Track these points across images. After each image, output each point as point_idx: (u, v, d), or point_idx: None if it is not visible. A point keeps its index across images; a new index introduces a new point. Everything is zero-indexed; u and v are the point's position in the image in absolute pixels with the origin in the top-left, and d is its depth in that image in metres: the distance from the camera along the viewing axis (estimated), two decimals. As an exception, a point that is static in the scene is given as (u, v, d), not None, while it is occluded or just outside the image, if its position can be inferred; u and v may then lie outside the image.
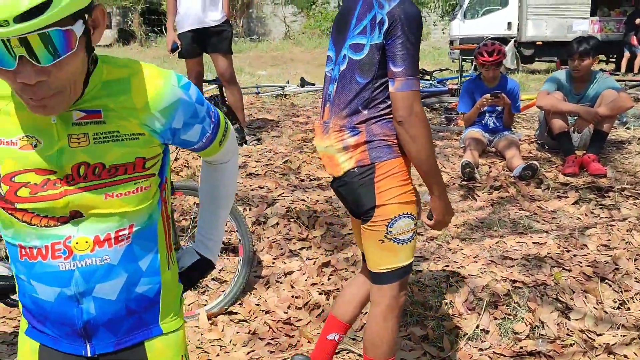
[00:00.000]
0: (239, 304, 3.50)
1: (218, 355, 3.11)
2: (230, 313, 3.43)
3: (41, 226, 1.29)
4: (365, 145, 2.09)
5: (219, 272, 3.73)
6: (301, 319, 3.35)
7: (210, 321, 3.36)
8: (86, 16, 1.18)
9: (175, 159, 4.88)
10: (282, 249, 3.89)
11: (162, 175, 1.42)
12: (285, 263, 3.78)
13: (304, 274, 3.66)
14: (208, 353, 3.13)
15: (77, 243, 1.30)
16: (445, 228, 2.31)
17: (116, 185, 1.31)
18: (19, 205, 1.28)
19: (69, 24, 1.13)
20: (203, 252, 1.66)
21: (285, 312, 3.40)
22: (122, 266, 1.35)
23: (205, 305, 3.50)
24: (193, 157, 5.06)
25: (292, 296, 3.51)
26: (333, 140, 2.15)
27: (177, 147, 3.81)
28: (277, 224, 4.08)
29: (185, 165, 4.85)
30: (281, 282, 3.63)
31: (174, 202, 3.94)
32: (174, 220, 3.48)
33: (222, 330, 3.31)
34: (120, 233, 1.33)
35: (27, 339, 1.43)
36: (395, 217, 2.11)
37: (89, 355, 1.40)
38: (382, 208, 2.10)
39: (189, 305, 3.54)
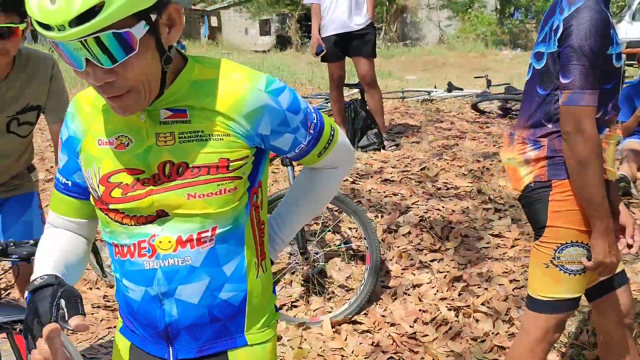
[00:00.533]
0: (364, 313, 3.41)
1: (337, 365, 3.04)
2: (355, 322, 3.35)
3: (131, 225, 1.29)
4: (545, 161, 1.98)
5: (346, 280, 3.67)
6: (427, 335, 3.19)
7: (333, 329, 3.30)
8: (153, 17, 1.14)
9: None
10: (412, 259, 3.74)
11: (253, 180, 1.36)
12: (414, 274, 3.63)
13: (433, 287, 3.50)
14: (328, 362, 3.08)
15: (160, 242, 1.29)
16: (609, 275, 2.00)
17: (199, 185, 1.27)
18: (112, 206, 1.29)
19: (126, 26, 1.10)
20: (269, 253, 1.54)
21: (411, 326, 3.26)
22: (204, 269, 1.31)
23: (330, 312, 3.44)
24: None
25: (420, 310, 3.36)
26: (516, 153, 2.07)
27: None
28: (409, 233, 3.94)
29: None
30: (409, 294, 3.49)
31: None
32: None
33: (345, 340, 3.23)
34: (203, 235, 1.29)
35: (121, 337, 1.45)
36: (567, 243, 1.95)
37: (171, 359, 1.37)
38: (554, 230, 1.96)
39: (314, 311, 3.51)
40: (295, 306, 3.59)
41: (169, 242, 1.29)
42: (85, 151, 1.32)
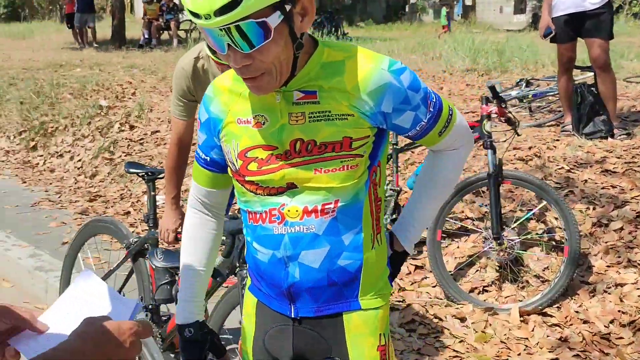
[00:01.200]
0: (557, 307, 3.29)
1: (519, 354, 3.00)
2: (545, 314, 3.26)
3: (264, 195, 1.48)
4: None
5: (543, 270, 3.55)
6: (622, 338, 3.00)
7: (521, 318, 3.24)
8: (287, 7, 1.29)
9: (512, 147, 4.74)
10: (619, 256, 3.49)
11: (373, 158, 1.48)
12: (619, 273, 3.39)
13: (638, 288, 3.24)
14: (510, 350, 3.05)
15: (289, 210, 1.46)
16: None
17: (324, 161, 1.42)
18: (247, 178, 1.48)
19: (263, 15, 1.26)
20: (400, 239, 1.64)
21: (605, 327, 3.08)
22: (325, 237, 1.46)
23: (521, 301, 3.38)
24: (548, 147, 4.84)
25: (619, 311, 3.15)
26: None
27: (512, 133, 3.71)
28: (622, 228, 3.66)
29: (536, 155, 4.67)
30: (609, 293, 3.28)
31: (502, 191, 3.86)
32: (500, 208, 3.43)
33: (532, 331, 3.17)
34: (326, 206, 1.44)
35: (250, 294, 1.66)
36: None
37: (292, 316, 1.55)
38: None
39: (505, 298, 3.48)
40: (487, 291, 3.58)
41: (297, 211, 1.45)
42: (227, 129, 1.51)
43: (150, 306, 2.94)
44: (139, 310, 1.09)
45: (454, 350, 3.07)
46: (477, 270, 3.72)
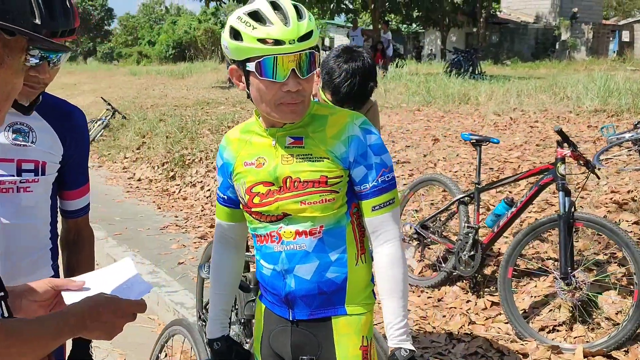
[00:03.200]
0: (624, 350, 3.27)
1: (576, 393, 3.04)
2: (610, 357, 3.26)
3: (266, 222, 1.82)
4: None
5: (616, 314, 3.53)
6: (685, 386, 2.94)
7: (585, 359, 3.27)
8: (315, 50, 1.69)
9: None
10: (698, 305, 3.39)
11: (351, 197, 1.80)
12: (694, 321, 3.30)
13: None
14: (567, 389, 3.09)
15: (284, 232, 1.79)
16: None
17: (308, 195, 1.74)
18: (253, 209, 1.84)
19: (316, 48, 1.68)
20: (392, 344, 1.77)
21: (671, 374, 3.04)
22: (315, 254, 1.78)
23: (588, 342, 3.39)
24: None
25: (688, 359, 3.08)
26: None
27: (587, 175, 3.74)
28: None
29: (633, 199, 4.58)
30: (680, 341, 3.21)
31: (576, 233, 3.86)
32: (569, 249, 3.48)
33: (594, 372, 3.18)
34: (313, 230, 1.77)
35: (259, 303, 1.99)
36: None
37: (290, 319, 1.86)
38: None
39: (574, 338, 3.50)
40: (557, 330, 3.61)
41: (291, 232, 1.79)
42: (236, 171, 1.86)
43: (242, 320, 3.35)
44: (146, 293, 1.42)
45: (510, 384, 3.16)
46: (550, 310, 3.76)
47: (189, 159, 8.40)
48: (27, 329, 1.16)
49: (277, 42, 1.62)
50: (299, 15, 1.65)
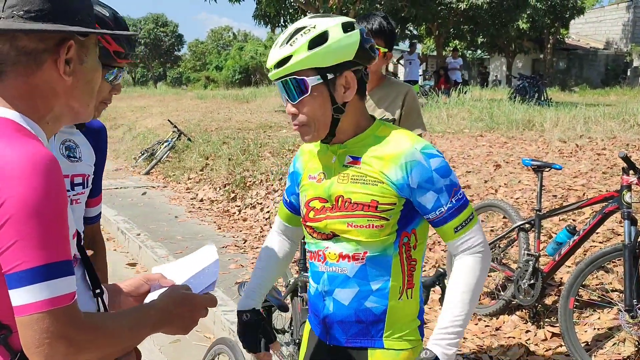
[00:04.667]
0: (694, 389, 3.10)
1: None
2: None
3: (317, 238, 1.82)
4: None
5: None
6: None
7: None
8: (330, 75, 1.67)
9: None
10: None
11: (403, 225, 1.73)
12: None
13: None
14: None
15: (329, 253, 1.78)
16: None
17: (355, 217, 1.72)
18: (307, 223, 1.84)
19: (304, 75, 1.66)
20: (433, 348, 1.68)
21: None
22: (355, 280, 1.75)
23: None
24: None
25: None
26: None
27: None
28: None
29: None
30: None
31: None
32: (634, 281, 3.34)
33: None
34: (357, 254, 1.74)
35: (307, 322, 1.99)
36: None
37: (327, 343, 1.84)
38: None
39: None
40: (622, 365, 3.47)
41: (335, 254, 1.78)
42: (302, 182, 1.89)
43: (297, 340, 3.37)
44: (211, 289, 1.52)
45: (568, 419, 3.04)
46: (614, 344, 3.61)
47: (250, 181, 8.52)
48: (110, 323, 1.24)
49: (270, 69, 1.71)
50: (289, 39, 1.67)
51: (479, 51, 36.08)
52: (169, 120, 13.36)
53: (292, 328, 3.57)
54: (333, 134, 1.76)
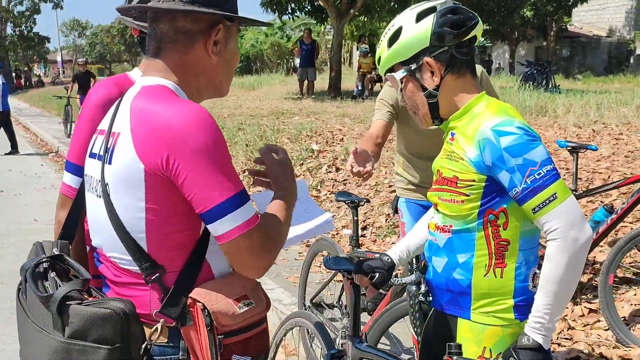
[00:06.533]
0: None
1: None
2: None
3: (435, 208, 1.94)
4: None
5: None
6: None
7: (693, 367, 3.24)
8: (412, 66, 1.82)
9: None
10: None
11: (486, 202, 1.75)
12: None
13: None
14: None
15: (431, 223, 1.92)
16: None
17: (442, 192, 1.84)
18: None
19: (394, 70, 1.85)
20: (529, 333, 1.69)
21: None
22: (444, 250, 1.86)
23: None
24: None
25: None
26: None
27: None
28: None
29: None
30: None
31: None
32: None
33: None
34: (445, 227, 1.85)
35: None
36: None
37: (431, 306, 1.98)
38: None
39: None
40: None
41: (433, 224, 1.90)
42: None
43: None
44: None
45: (614, 388, 3.17)
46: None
47: (270, 166, 8.61)
48: (276, 227, 1.47)
49: None
50: (381, 41, 1.89)
51: (481, 39, 36.09)
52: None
53: (340, 302, 3.69)
54: (436, 116, 1.88)
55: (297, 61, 18.02)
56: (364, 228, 6.23)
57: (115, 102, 1.54)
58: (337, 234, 6.17)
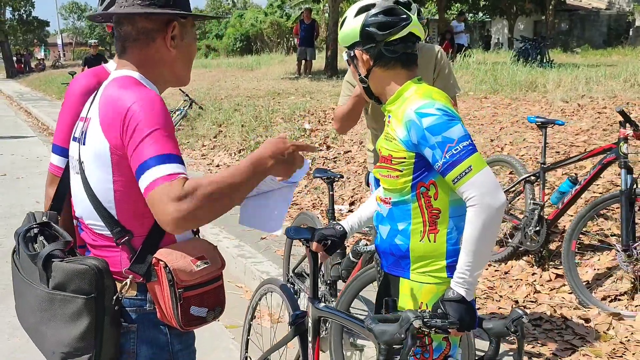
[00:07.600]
0: (683, 317, 3.48)
1: (634, 354, 3.28)
2: (669, 323, 3.47)
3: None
4: None
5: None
6: None
7: (644, 324, 3.50)
8: (350, 52, 2.10)
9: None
10: None
11: (418, 177, 1.97)
12: None
13: None
14: (627, 350, 3.33)
15: (377, 196, 2.18)
16: None
17: (382, 168, 2.08)
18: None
19: (351, 47, 2.11)
20: (454, 287, 1.88)
21: None
22: (387, 219, 2.11)
23: (648, 310, 3.62)
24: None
25: None
26: None
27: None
28: None
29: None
30: None
31: (638, 209, 4.05)
32: (630, 223, 3.70)
33: (654, 335, 3.41)
34: (386, 199, 2.10)
35: None
36: None
37: (380, 268, 2.22)
38: None
39: (635, 306, 3.73)
40: (619, 300, 3.85)
41: (379, 197, 2.16)
42: None
43: (328, 281, 3.72)
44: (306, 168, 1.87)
45: (571, 344, 3.43)
46: (612, 282, 3.99)
47: (264, 146, 8.85)
48: (208, 177, 1.57)
49: None
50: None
51: (480, 14, 36.01)
52: (180, 89, 13.61)
53: (322, 271, 3.94)
54: (371, 96, 2.14)
55: (297, 41, 18.08)
56: (352, 203, 6.47)
57: (94, 91, 1.78)
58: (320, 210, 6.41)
